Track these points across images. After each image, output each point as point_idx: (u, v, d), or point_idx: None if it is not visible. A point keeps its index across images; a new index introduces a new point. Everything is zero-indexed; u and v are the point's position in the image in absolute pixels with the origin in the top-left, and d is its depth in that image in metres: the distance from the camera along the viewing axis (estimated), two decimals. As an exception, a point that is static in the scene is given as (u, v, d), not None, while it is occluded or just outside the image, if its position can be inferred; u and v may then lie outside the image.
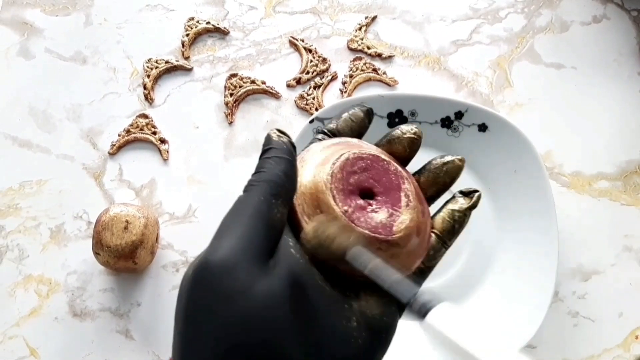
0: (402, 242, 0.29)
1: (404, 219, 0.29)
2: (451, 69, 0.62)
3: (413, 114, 0.56)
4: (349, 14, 0.64)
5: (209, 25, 0.63)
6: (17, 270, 0.55)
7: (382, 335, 0.28)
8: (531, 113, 0.60)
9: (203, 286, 0.25)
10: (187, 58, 0.63)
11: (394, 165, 0.31)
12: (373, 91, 0.60)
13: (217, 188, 0.58)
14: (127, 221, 0.51)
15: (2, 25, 0.64)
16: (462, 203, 0.32)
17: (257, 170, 0.28)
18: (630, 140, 0.59)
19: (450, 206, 0.32)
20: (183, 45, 0.63)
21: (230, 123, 0.60)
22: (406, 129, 0.33)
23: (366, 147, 0.32)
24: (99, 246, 0.50)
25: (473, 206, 0.33)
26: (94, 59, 0.63)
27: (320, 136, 0.33)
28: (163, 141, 0.59)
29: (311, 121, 0.55)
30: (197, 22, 0.64)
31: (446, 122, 0.56)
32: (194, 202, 0.57)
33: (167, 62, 0.62)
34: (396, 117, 0.56)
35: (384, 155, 0.31)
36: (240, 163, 0.59)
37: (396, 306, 0.29)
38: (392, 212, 0.29)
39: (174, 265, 0.55)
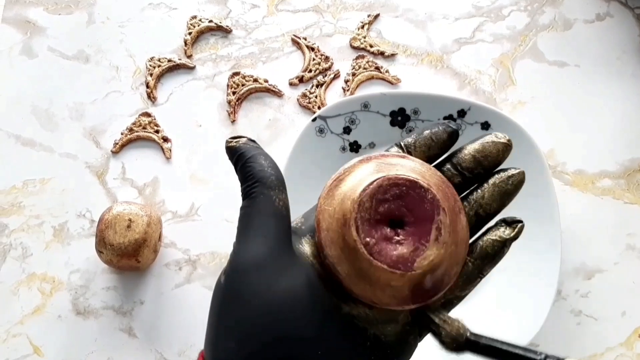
0: (422, 275, 0.28)
1: (429, 254, 0.28)
2: (454, 67, 0.62)
3: (416, 112, 0.56)
4: (352, 12, 0.64)
5: (212, 24, 0.63)
6: (20, 269, 0.55)
7: None
8: (534, 111, 0.60)
9: (230, 287, 0.27)
10: (189, 56, 0.63)
11: (432, 192, 0.28)
12: (376, 89, 0.60)
13: (220, 186, 0.58)
14: (130, 220, 0.51)
15: (5, 24, 0.65)
16: (504, 233, 0.31)
17: (244, 178, 0.30)
18: (634, 138, 0.59)
19: (490, 235, 0.31)
20: (185, 44, 0.63)
21: (233, 122, 0.60)
22: (501, 135, 0.32)
23: (411, 165, 0.30)
24: (102, 244, 0.51)
25: (514, 238, 0.31)
26: (97, 58, 0.63)
27: (394, 149, 0.32)
28: (166, 140, 0.59)
29: (314, 119, 0.55)
30: (200, 20, 0.64)
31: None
32: (196, 201, 0.57)
33: (169, 60, 0.62)
34: (399, 116, 0.56)
35: (423, 181, 0.29)
36: (243, 161, 0.59)
37: (415, 335, 0.30)
38: (418, 246, 0.28)
39: (176, 263, 0.55)
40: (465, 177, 0.31)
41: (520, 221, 0.31)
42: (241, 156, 0.30)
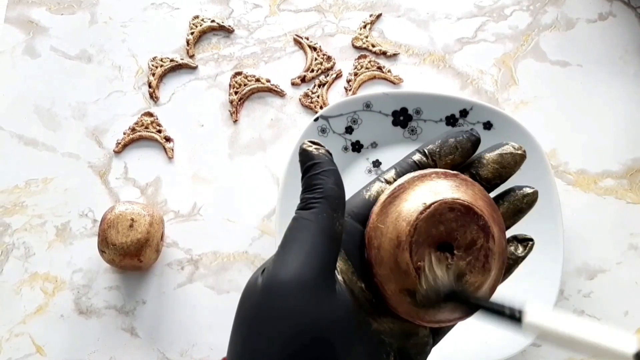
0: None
1: (474, 280, 0.28)
2: (456, 66, 0.62)
3: (418, 112, 0.56)
4: (354, 11, 0.64)
5: (214, 24, 0.63)
6: (23, 268, 0.55)
7: None
8: (536, 111, 0.60)
9: (272, 300, 0.26)
10: (191, 56, 0.63)
11: (484, 220, 0.28)
12: (378, 89, 0.60)
13: (222, 186, 0.58)
14: (132, 219, 0.51)
15: (8, 24, 0.65)
16: (516, 251, 0.31)
17: (311, 188, 0.29)
18: (636, 138, 0.59)
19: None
20: (188, 44, 0.63)
21: (235, 121, 0.60)
22: (517, 145, 0.32)
23: (464, 188, 0.30)
24: (105, 244, 0.51)
25: (526, 256, 0.32)
26: (99, 58, 0.63)
27: (417, 157, 0.31)
28: (168, 139, 0.59)
29: (316, 119, 0.55)
30: (202, 20, 0.64)
31: (451, 120, 0.56)
32: (198, 200, 0.57)
33: (172, 60, 0.62)
34: (401, 115, 0.56)
35: (477, 207, 0.29)
36: (245, 161, 0.59)
37: (431, 344, 0.30)
38: (465, 272, 0.28)
39: (179, 263, 0.55)
40: (483, 186, 0.31)
41: (531, 239, 0.32)
42: (316, 165, 0.29)
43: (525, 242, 0.32)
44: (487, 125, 0.55)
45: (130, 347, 0.53)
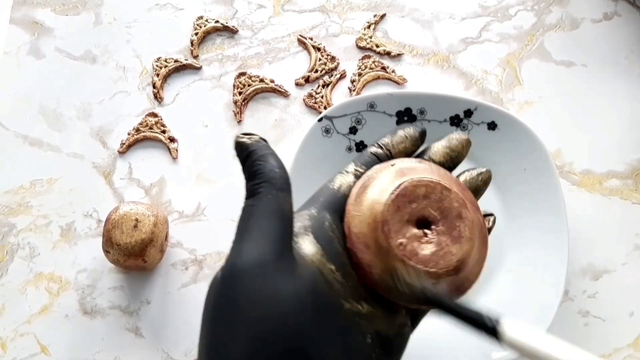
0: (454, 271, 0.29)
1: (457, 251, 0.29)
2: (460, 67, 0.62)
3: (422, 112, 0.56)
4: (358, 12, 0.64)
5: (218, 24, 0.64)
6: (28, 268, 0.55)
7: (394, 354, 0.29)
8: (541, 111, 0.60)
9: (232, 289, 0.26)
10: (196, 57, 0.63)
11: (455, 192, 0.30)
12: (382, 89, 0.60)
13: (226, 186, 0.58)
14: (136, 219, 0.51)
15: (13, 25, 0.65)
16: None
17: (252, 175, 0.29)
18: (642, 138, 0.59)
19: None
20: (192, 44, 0.63)
21: (239, 122, 0.60)
22: (462, 132, 0.35)
23: (429, 169, 0.32)
24: (109, 244, 0.51)
25: (490, 229, 0.33)
26: (104, 58, 0.63)
27: (372, 149, 0.34)
28: (172, 140, 0.59)
29: (320, 120, 0.55)
30: (206, 20, 0.64)
31: (455, 121, 0.56)
32: (203, 201, 0.57)
33: (176, 61, 0.62)
34: (405, 116, 0.56)
35: (445, 181, 0.30)
36: (249, 161, 0.59)
37: (409, 326, 0.30)
38: (448, 243, 0.29)
39: (183, 263, 0.55)
40: None
41: (492, 214, 0.34)
42: (251, 154, 0.30)
43: (487, 216, 0.34)
44: (492, 126, 0.55)
45: (134, 347, 0.53)
